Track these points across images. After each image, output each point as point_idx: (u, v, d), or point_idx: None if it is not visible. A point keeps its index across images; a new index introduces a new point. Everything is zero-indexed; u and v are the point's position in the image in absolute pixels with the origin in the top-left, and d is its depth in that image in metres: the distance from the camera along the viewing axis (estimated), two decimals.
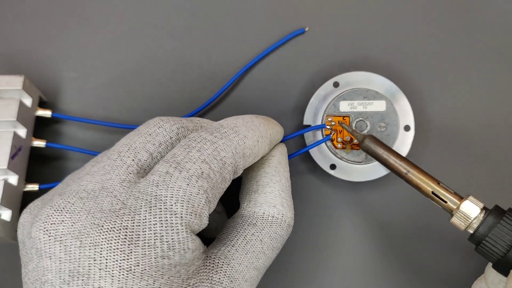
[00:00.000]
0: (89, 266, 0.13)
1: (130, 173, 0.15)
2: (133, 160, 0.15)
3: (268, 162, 0.18)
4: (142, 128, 0.16)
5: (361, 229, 0.22)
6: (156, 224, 0.13)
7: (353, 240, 0.21)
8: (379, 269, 0.21)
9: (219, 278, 0.15)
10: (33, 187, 0.21)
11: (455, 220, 0.17)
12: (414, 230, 0.22)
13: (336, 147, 0.21)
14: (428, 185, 0.17)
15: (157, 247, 0.13)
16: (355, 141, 0.21)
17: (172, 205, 0.14)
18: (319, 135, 0.21)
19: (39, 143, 0.21)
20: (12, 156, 0.19)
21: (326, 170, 0.21)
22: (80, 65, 0.23)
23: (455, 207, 0.17)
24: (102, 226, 0.13)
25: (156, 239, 0.13)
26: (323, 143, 0.21)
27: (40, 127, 0.22)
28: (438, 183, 0.17)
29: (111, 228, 0.13)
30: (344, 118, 0.21)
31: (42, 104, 0.22)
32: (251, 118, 0.17)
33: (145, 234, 0.13)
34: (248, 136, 0.16)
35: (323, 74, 0.23)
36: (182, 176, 0.14)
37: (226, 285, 0.15)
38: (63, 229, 0.14)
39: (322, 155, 0.21)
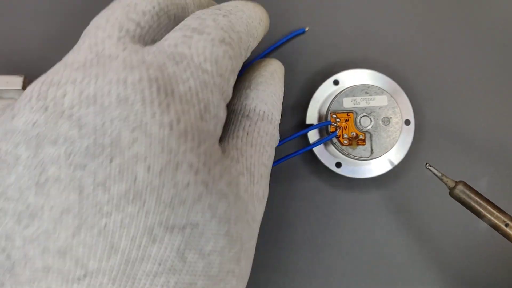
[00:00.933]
0: (117, 130, 0.10)
1: (127, 43, 0.12)
2: (120, 31, 0.12)
3: (264, 66, 0.16)
4: (114, 3, 0.13)
5: (370, 227, 0.22)
6: (189, 79, 0.11)
7: (354, 240, 0.22)
8: (382, 268, 0.21)
9: (240, 169, 0.13)
10: None
11: None
12: (418, 227, 0.22)
13: (342, 144, 0.21)
14: None
15: (195, 105, 0.11)
16: (361, 136, 0.21)
17: (200, 62, 0.11)
18: (323, 133, 0.21)
19: None
20: None
21: (331, 169, 0.21)
22: None
23: None
24: (125, 80, 0.10)
25: (193, 95, 0.11)
26: (327, 141, 0.21)
27: None
28: None
29: (138, 79, 0.11)
30: (349, 114, 0.21)
31: None
32: (245, 2, 0.15)
33: (179, 89, 0.11)
34: (252, 16, 0.15)
35: (323, 74, 0.23)
36: (204, 38, 0.12)
37: (247, 178, 0.13)
38: (69, 101, 0.10)
39: (327, 153, 0.21)
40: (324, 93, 0.22)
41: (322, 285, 0.21)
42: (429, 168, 0.18)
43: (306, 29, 0.23)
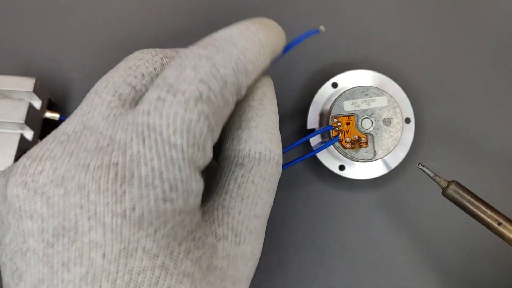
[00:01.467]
0: (75, 217, 0.11)
1: (114, 108, 0.13)
2: (113, 95, 0.13)
3: (252, 94, 0.15)
4: (121, 64, 0.14)
5: (371, 228, 0.22)
6: (153, 158, 0.11)
7: (357, 240, 0.22)
8: (383, 269, 0.21)
9: (223, 232, 0.13)
10: None
11: None
12: (418, 228, 0.22)
13: (345, 147, 0.21)
14: None
15: (157, 186, 0.11)
16: (363, 139, 0.21)
17: (170, 135, 0.11)
18: (325, 137, 0.21)
19: None
20: (17, 159, 0.19)
21: (335, 172, 0.21)
22: (90, 69, 0.23)
23: None
24: (88, 165, 0.11)
25: (155, 177, 0.11)
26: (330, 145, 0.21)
27: (47, 129, 0.22)
28: None
29: (98, 166, 0.11)
30: (350, 117, 0.21)
31: (51, 106, 0.22)
32: (247, 25, 0.14)
33: (140, 171, 0.11)
34: (248, 47, 0.13)
35: (322, 75, 0.23)
36: (178, 100, 0.11)
37: (232, 239, 0.13)
38: (43, 179, 0.11)
39: (331, 157, 0.21)
40: (323, 96, 0.22)
41: (324, 285, 0.21)
42: (422, 168, 0.18)
43: (321, 28, 0.20)
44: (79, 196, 0.11)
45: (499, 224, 0.16)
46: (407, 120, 0.22)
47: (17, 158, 0.19)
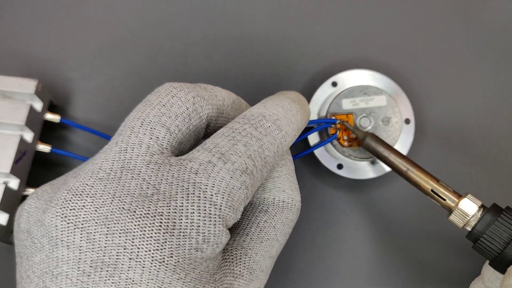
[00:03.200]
0: (117, 256, 0.12)
1: (154, 154, 0.13)
2: (151, 138, 0.14)
3: None
4: (153, 98, 0.15)
5: (370, 228, 0.22)
6: (194, 212, 0.12)
7: (356, 239, 0.22)
8: (382, 268, 0.21)
9: (240, 271, 0.14)
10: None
11: (453, 217, 0.17)
12: (417, 228, 0.22)
13: (343, 146, 0.21)
14: (427, 183, 0.18)
15: (193, 238, 0.12)
16: None
17: (212, 195, 0.13)
18: (323, 135, 0.21)
19: (44, 148, 0.21)
20: (16, 161, 0.19)
21: (333, 171, 0.21)
22: (92, 71, 0.23)
23: (453, 204, 0.17)
24: (134, 211, 0.12)
25: (193, 229, 0.12)
26: (326, 144, 0.21)
27: (47, 131, 0.22)
28: (438, 181, 0.18)
29: (144, 214, 0.12)
30: (348, 115, 0.21)
31: (53, 108, 0.22)
32: (290, 105, 0.16)
33: (181, 223, 0.12)
34: (289, 132, 0.15)
35: (322, 75, 0.23)
36: (227, 168, 0.13)
37: (247, 277, 0.14)
38: (85, 215, 0.12)
39: (328, 155, 0.21)
40: (323, 95, 0.22)
41: (322, 284, 0.21)
42: (343, 123, 0.20)
43: (338, 122, 0.21)
44: (124, 238, 0.12)
45: (408, 170, 0.18)
46: (407, 121, 0.22)
47: (16, 159, 0.19)
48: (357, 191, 0.22)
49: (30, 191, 0.20)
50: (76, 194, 0.13)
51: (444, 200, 0.17)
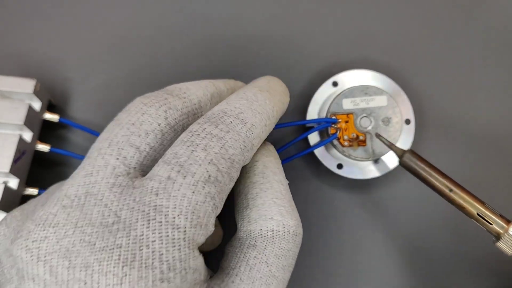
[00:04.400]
0: None
1: (119, 175, 0.13)
2: (117, 158, 0.13)
3: (252, 170, 0.15)
4: (123, 117, 0.14)
5: (370, 228, 0.22)
6: (155, 241, 0.11)
7: (356, 239, 0.22)
8: (382, 268, 0.21)
9: None
10: (33, 191, 0.20)
11: (502, 245, 0.16)
12: (417, 228, 0.22)
13: (343, 145, 0.21)
14: (473, 206, 0.16)
15: (156, 268, 0.11)
16: (361, 137, 0.21)
17: (174, 217, 0.12)
18: (323, 135, 0.21)
19: (43, 147, 0.21)
20: (15, 160, 0.19)
21: (333, 170, 0.21)
22: (91, 70, 0.23)
23: (502, 231, 0.16)
24: (94, 244, 0.11)
25: (155, 258, 0.11)
26: (326, 144, 0.21)
27: (46, 130, 0.22)
28: (483, 204, 0.16)
29: (103, 247, 0.11)
30: (348, 115, 0.21)
31: (51, 107, 0.22)
32: (255, 96, 0.14)
33: (141, 253, 0.11)
34: (256, 123, 0.14)
35: (322, 74, 0.23)
36: (187, 182, 0.12)
37: None
38: (47, 247, 0.12)
39: (329, 155, 0.21)
40: (323, 95, 0.22)
41: (322, 285, 0.21)
42: (379, 137, 0.19)
43: (338, 121, 0.21)
44: (84, 273, 0.11)
45: (450, 190, 0.17)
46: (407, 121, 0.22)
47: (15, 159, 0.19)
48: (357, 191, 0.22)
49: (29, 190, 0.20)
50: (39, 225, 0.12)
51: (491, 224, 0.16)
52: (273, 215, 0.14)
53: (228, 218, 0.17)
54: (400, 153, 0.18)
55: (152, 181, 0.12)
